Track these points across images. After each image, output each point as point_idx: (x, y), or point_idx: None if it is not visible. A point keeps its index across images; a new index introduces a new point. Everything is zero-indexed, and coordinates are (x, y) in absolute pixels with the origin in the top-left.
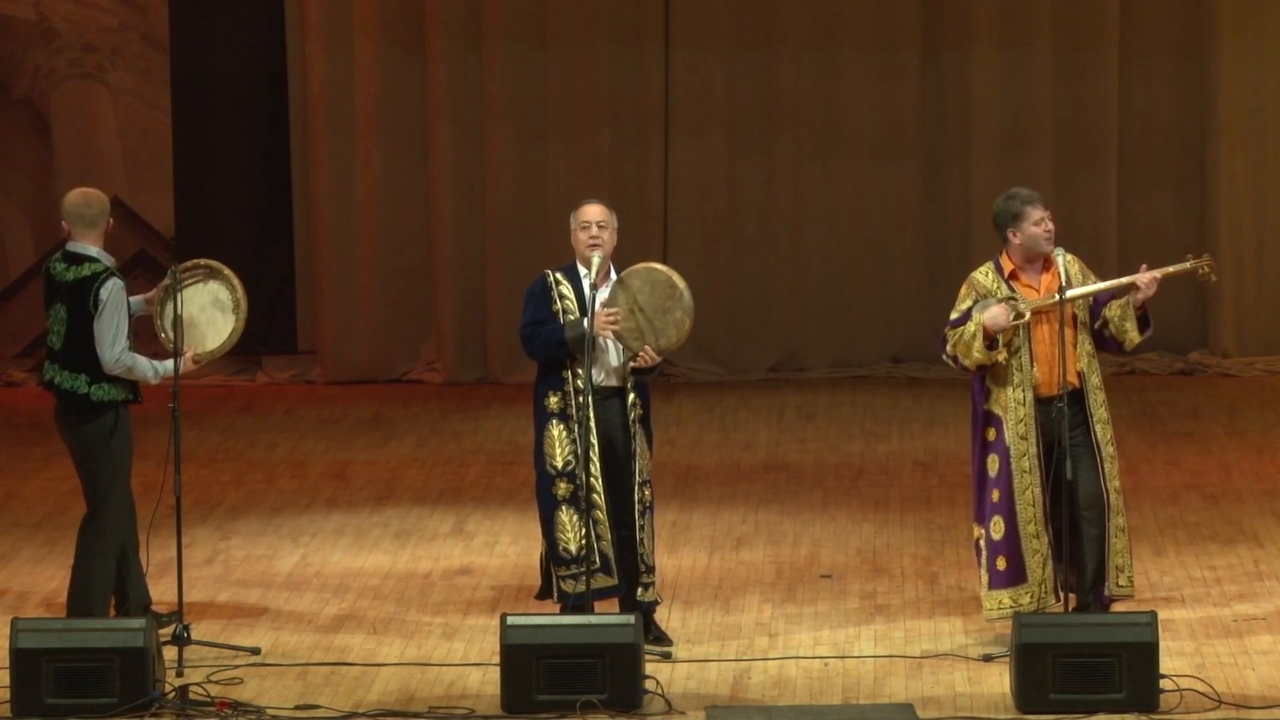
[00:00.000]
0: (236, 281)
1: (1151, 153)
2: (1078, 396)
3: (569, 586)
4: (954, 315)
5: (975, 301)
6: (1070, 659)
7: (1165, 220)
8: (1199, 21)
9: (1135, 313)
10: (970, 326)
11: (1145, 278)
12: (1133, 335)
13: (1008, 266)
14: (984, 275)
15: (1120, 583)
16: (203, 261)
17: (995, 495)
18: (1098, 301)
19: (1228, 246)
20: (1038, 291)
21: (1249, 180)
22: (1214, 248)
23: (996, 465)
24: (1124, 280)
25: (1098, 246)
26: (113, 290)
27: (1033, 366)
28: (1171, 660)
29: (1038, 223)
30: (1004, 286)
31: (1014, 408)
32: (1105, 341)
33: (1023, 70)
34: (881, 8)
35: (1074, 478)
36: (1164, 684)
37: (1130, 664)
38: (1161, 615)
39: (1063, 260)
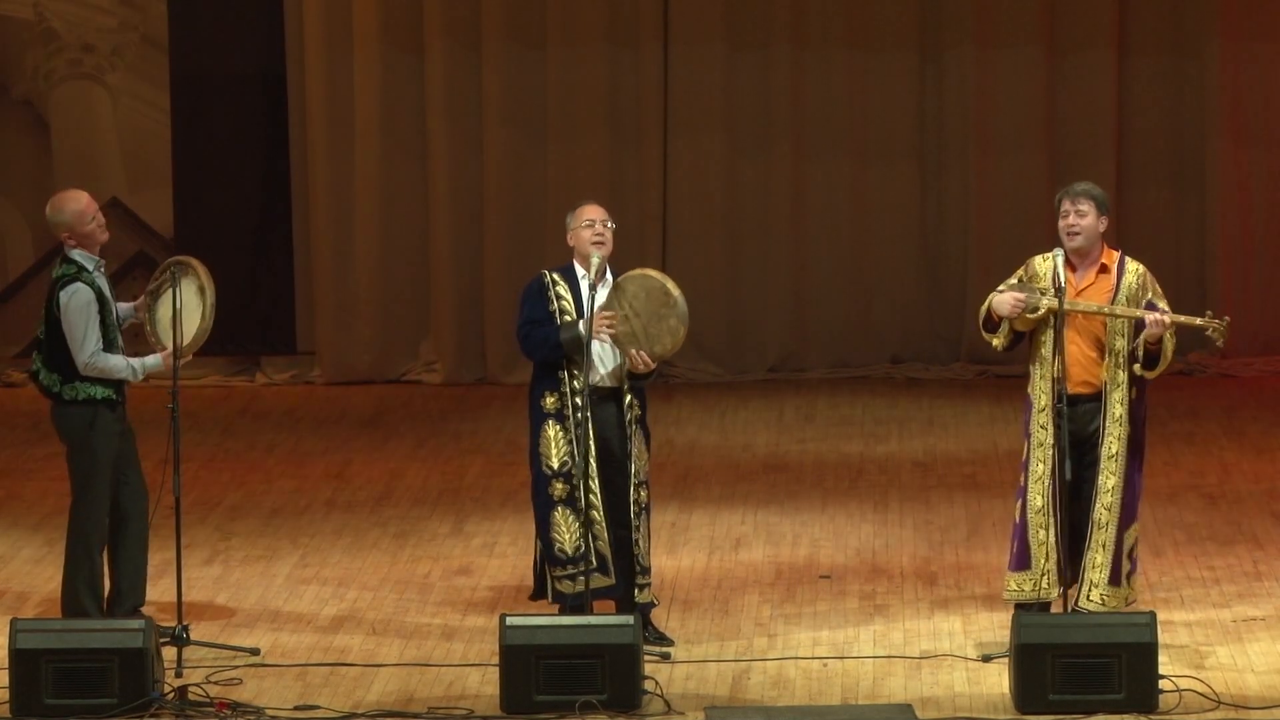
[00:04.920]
0: (202, 270)
1: (1149, 152)
2: (1101, 404)
3: (565, 587)
4: (998, 289)
5: (1018, 281)
6: (1069, 659)
7: (1163, 220)
8: (1196, 21)
9: (1147, 347)
10: (986, 305)
11: (1153, 317)
12: (1137, 367)
13: (1059, 258)
14: (1043, 259)
15: (1091, 597)
16: (177, 258)
17: (1021, 479)
18: (1142, 320)
19: (1226, 247)
20: (1076, 289)
21: (1247, 180)
22: (1212, 248)
23: (1025, 450)
24: (1136, 312)
25: None
26: (73, 295)
27: (1053, 360)
28: (1171, 661)
29: (1063, 215)
30: (1050, 275)
31: (1039, 396)
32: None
33: (1020, 70)
34: (879, 8)
35: (1073, 480)
36: (1163, 684)
37: (1129, 664)
38: (1161, 616)
39: (1062, 259)
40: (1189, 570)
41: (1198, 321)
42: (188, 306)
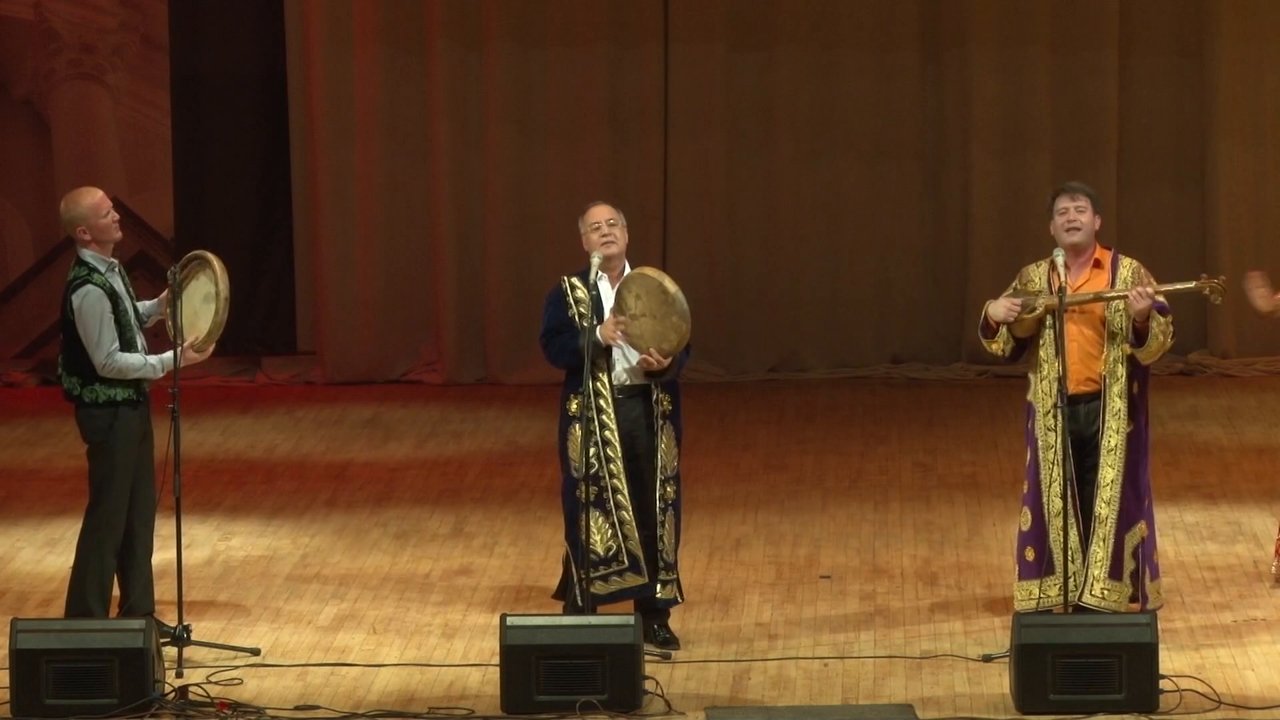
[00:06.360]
0: (218, 265)
1: (1150, 151)
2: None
3: (598, 588)
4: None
5: (1014, 289)
6: (1070, 659)
7: (1164, 219)
8: (1198, 20)
9: (1135, 325)
10: (982, 313)
11: (1135, 291)
12: (1130, 345)
13: (1060, 258)
14: (1036, 266)
15: (1094, 592)
16: (194, 254)
17: (1025, 486)
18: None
19: (1227, 246)
20: (1072, 288)
21: (1248, 179)
22: (1213, 247)
23: (1029, 456)
24: (1126, 291)
25: None
26: (84, 298)
27: (1055, 361)
28: (1171, 661)
29: (1061, 212)
30: (1046, 279)
31: (1042, 399)
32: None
33: (1022, 69)
34: (881, 7)
35: (1081, 480)
36: (1164, 684)
37: (1130, 664)
38: (1161, 616)
39: (1061, 260)
40: (1189, 570)
41: (1191, 285)
42: (205, 300)
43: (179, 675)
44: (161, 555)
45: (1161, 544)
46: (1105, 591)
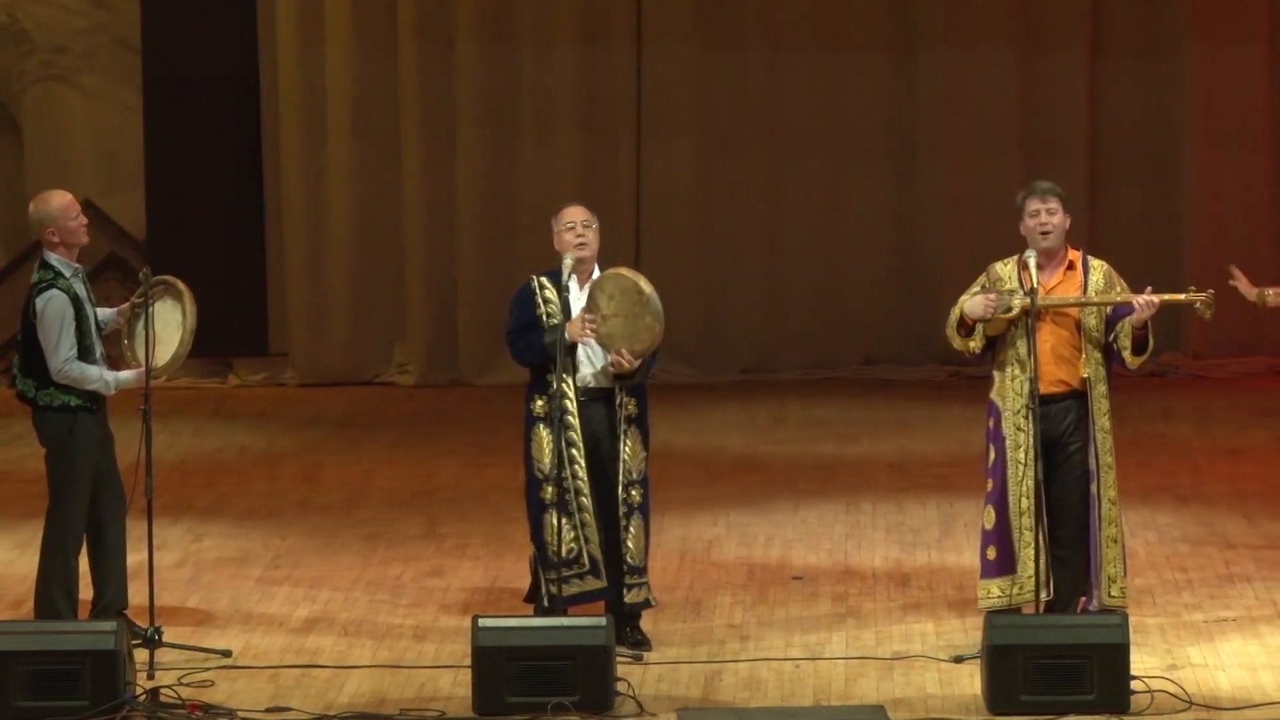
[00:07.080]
0: (187, 295)
1: (1121, 153)
2: (1083, 402)
3: (557, 590)
4: (962, 298)
5: (982, 288)
6: (1041, 660)
7: (1135, 221)
8: (1169, 23)
9: (1134, 332)
10: (955, 310)
11: (1142, 299)
12: (1127, 355)
13: (1032, 259)
14: (1003, 264)
15: (1112, 593)
16: (163, 278)
17: (989, 485)
18: (1116, 314)
19: (1197, 247)
20: (1045, 289)
21: (1219, 181)
22: (1183, 248)
23: (993, 455)
24: (1120, 298)
25: None
26: (49, 301)
27: (1029, 360)
28: (1142, 661)
29: (1033, 214)
30: (1015, 278)
31: (1012, 398)
32: (1114, 355)
33: (993, 71)
34: (852, 9)
35: (1047, 481)
36: (1135, 685)
37: (1101, 665)
38: (1132, 616)
39: (1033, 260)
40: (1161, 571)
41: (1182, 297)
42: (168, 326)
43: (150, 677)
44: (133, 558)
45: (1133, 545)
46: (1123, 590)
